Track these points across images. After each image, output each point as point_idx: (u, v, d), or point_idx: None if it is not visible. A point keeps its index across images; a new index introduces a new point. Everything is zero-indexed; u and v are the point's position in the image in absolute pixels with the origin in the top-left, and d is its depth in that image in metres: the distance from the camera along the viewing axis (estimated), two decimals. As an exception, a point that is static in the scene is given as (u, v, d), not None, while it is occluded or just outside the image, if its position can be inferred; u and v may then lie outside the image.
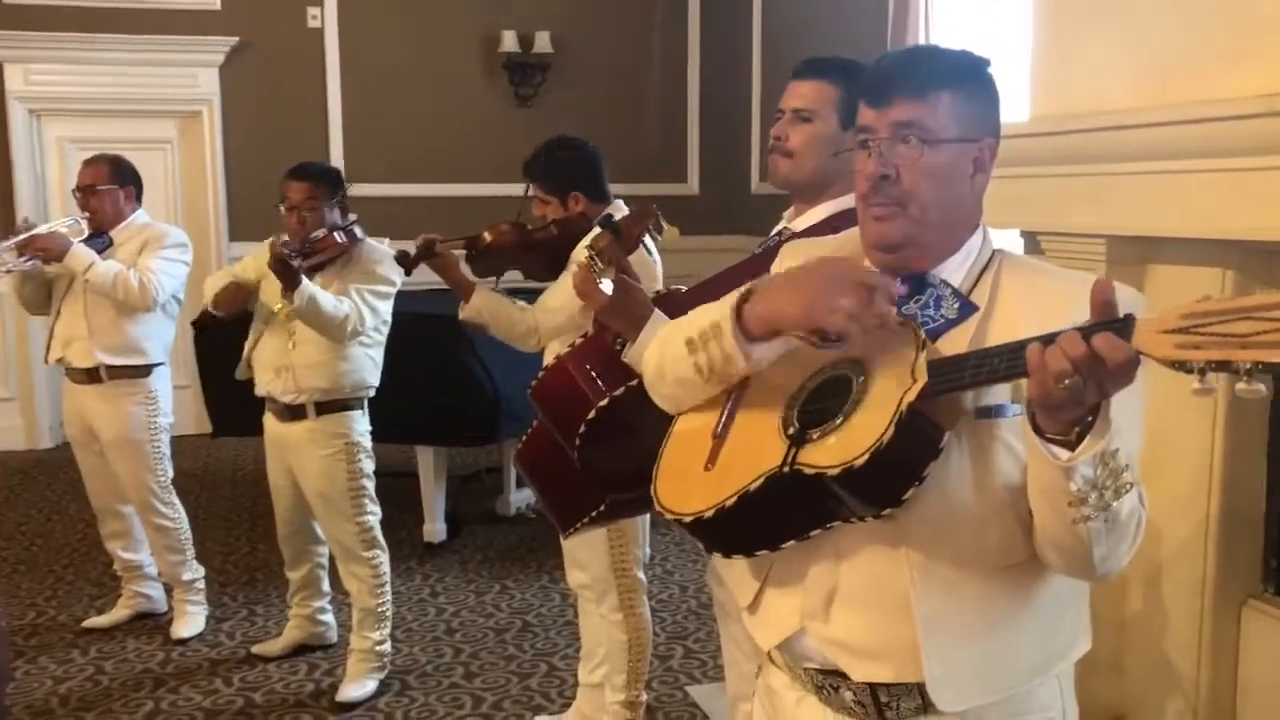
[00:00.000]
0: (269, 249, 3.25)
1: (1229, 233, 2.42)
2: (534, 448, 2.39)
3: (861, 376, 1.32)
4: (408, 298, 3.76)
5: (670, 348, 1.51)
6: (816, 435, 1.31)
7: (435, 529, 5.04)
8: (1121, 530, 1.24)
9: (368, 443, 3.59)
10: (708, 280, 2.26)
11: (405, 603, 4.34)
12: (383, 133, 7.19)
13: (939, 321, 1.38)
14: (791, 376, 1.41)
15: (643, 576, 3.07)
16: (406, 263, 3.07)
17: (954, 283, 1.40)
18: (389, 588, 3.65)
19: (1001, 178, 1.54)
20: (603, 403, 2.10)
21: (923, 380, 1.25)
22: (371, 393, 3.60)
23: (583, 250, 2.44)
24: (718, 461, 1.42)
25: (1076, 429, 1.17)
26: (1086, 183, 2.73)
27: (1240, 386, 1.00)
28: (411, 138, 7.23)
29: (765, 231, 2.50)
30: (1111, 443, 1.16)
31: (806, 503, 1.33)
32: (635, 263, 2.31)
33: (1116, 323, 1.11)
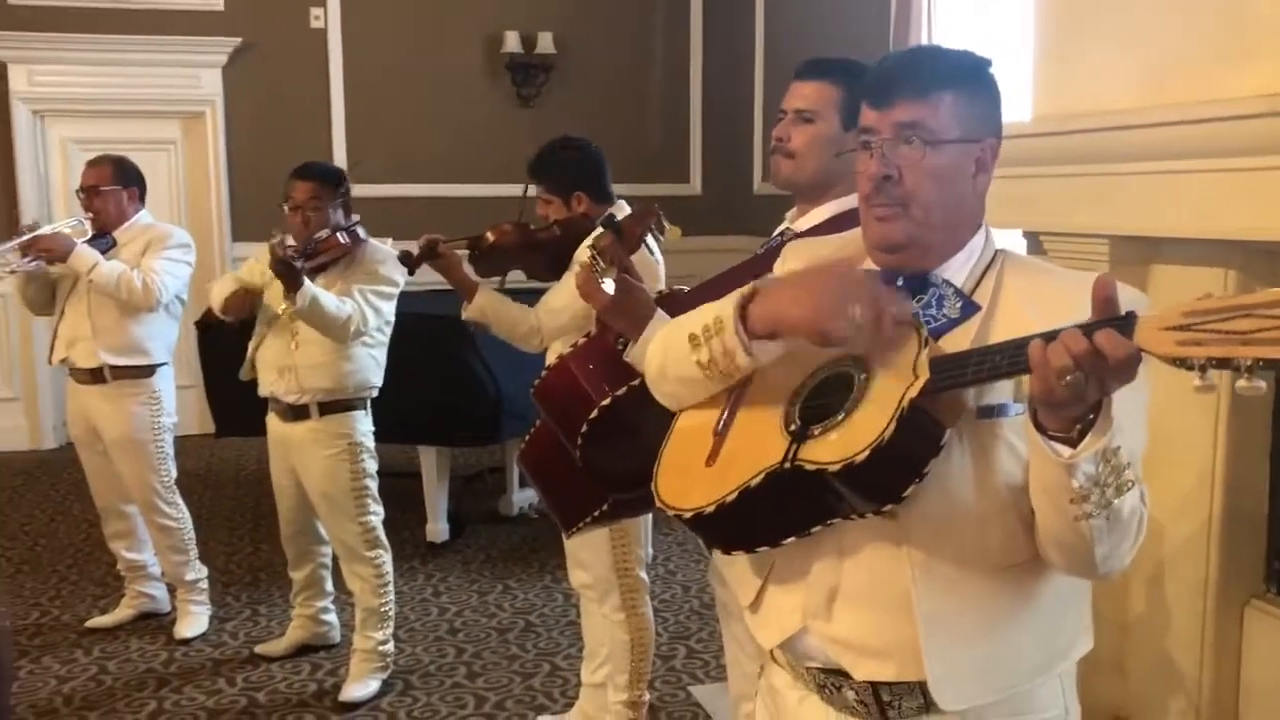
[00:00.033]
0: (269, 250, 3.25)
1: (1231, 233, 2.42)
2: (537, 447, 2.39)
3: (863, 373, 1.33)
4: (410, 298, 3.77)
5: (673, 344, 1.51)
6: (818, 431, 1.32)
7: (438, 529, 5.05)
8: (1123, 528, 1.25)
9: (371, 443, 3.59)
10: (710, 280, 2.26)
11: (408, 602, 4.34)
12: (385, 133, 7.20)
13: (941, 321, 1.38)
14: (793, 373, 1.41)
15: (645, 576, 3.07)
16: (409, 263, 3.08)
17: (956, 283, 1.40)
18: (392, 588, 3.66)
19: (1004, 178, 1.55)
20: (605, 402, 2.10)
21: (924, 377, 1.25)
22: (374, 393, 3.60)
23: (585, 250, 2.44)
24: (719, 458, 1.42)
25: (1078, 426, 1.17)
26: (1089, 183, 2.73)
27: (1241, 383, 1.01)
28: (414, 138, 7.23)
29: (767, 232, 2.50)
30: (1113, 440, 1.16)
31: (807, 499, 1.33)
32: (638, 263, 2.31)
33: (1118, 319, 1.11)
